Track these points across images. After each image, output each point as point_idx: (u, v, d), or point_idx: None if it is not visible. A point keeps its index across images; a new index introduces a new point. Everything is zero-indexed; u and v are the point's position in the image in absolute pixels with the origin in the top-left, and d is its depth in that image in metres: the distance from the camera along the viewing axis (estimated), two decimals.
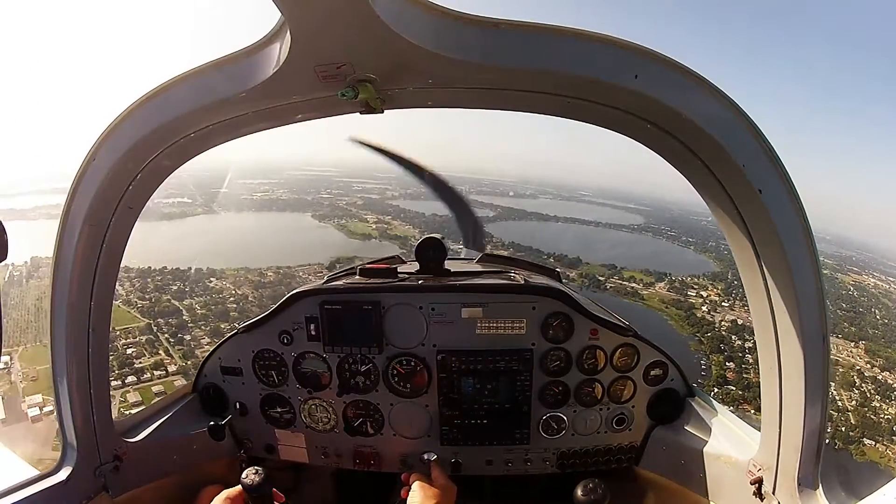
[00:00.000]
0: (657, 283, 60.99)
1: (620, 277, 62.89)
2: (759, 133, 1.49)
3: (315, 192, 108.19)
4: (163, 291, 46.32)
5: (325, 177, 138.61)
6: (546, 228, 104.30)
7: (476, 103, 1.79)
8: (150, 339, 39.01)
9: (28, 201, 66.18)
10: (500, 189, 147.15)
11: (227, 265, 53.68)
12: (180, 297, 46.13)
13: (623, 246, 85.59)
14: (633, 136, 1.71)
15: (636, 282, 62.10)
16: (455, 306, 2.55)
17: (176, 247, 62.52)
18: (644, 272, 63.93)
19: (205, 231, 78.04)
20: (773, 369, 1.77)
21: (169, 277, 48.93)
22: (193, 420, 2.77)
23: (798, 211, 1.55)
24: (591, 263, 66.62)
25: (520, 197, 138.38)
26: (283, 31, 1.35)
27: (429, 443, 2.71)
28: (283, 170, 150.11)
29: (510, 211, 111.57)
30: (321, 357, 2.66)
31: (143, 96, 1.67)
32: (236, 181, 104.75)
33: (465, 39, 1.37)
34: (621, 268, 65.34)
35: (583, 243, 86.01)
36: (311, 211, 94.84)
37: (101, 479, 2.26)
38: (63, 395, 2.08)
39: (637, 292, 59.63)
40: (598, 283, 60.61)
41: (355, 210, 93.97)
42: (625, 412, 2.69)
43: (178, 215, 79.81)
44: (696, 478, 2.40)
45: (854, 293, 60.58)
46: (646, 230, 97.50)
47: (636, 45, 1.41)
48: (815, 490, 1.80)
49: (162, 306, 43.60)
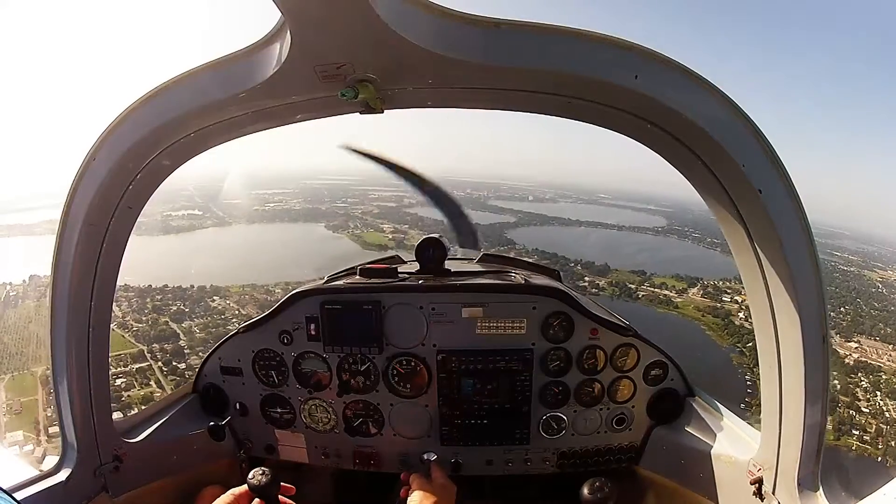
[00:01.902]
0: (690, 288, 57.21)
1: (652, 284, 59.56)
2: (759, 133, 1.49)
3: (330, 202, 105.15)
4: (161, 312, 42.82)
5: (341, 185, 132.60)
6: (569, 233, 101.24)
7: (476, 103, 1.79)
8: (142, 367, 35.01)
9: (36, 216, 62.55)
10: (520, 194, 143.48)
11: (232, 282, 51.21)
12: (179, 318, 42.56)
13: (649, 250, 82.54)
14: (633, 136, 1.71)
15: (668, 288, 58.31)
16: (455, 306, 2.54)
17: (180, 262, 59.70)
18: (675, 277, 60.24)
19: (212, 245, 75.23)
20: (773, 369, 1.77)
21: (169, 297, 45.59)
22: (193, 420, 2.77)
23: (798, 211, 1.55)
24: (619, 270, 63.66)
25: (539, 201, 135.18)
26: (283, 31, 1.35)
27: (429, 443, 2.71)
28: (299, 179, 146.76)
29: (531, 216, 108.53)
30: (321, 357, 2.66)
31: (143, 96, 1.67)
32: (249, 191, 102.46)
33: (466, 39, 1.37)
34: (651, 274, 62.04)
35: (608, 248, 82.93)
36: (324, 221, 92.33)
37: (101, 479, 2.26)
38: (63, 395, 2.08)
39: (670, 300, 56.01)
40: (630, 292, 57.39)
41: (371, 219, 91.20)
42: (625, 412, 2.69)
43: (187, 228, 77.25)
44: (696, 478, 2.40)
45: (883, 290, 56.92)
46: (669, 232, 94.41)
47: (636, 45, 1.41)
48: (815, 490, 1.80)
49: (158, 329, 39.84)
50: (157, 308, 43.45)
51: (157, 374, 35.09)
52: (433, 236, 2.87)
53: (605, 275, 61.30)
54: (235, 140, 1.93)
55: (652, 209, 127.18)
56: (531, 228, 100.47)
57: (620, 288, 57.87)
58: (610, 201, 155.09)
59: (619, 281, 59.90)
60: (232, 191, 78.50)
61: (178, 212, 76.62)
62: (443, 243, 2.85)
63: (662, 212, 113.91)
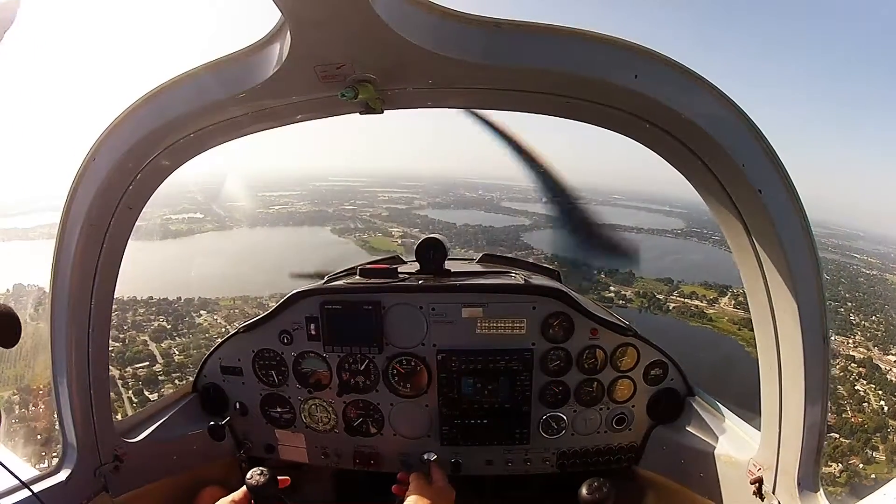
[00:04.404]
0: (720, 298, 52.04)
1: (681, 294, 54.66)
2: (759, 133, 1.50)
3: (338, 204, 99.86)
4: (141, 329, 37.68)
5: (350, 187, 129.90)
6: None
7: (476, 103, 1.79)
8: (113, 396, 31.29)
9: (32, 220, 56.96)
10: (532, 195, 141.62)
11: (223, 293, 46.53)
12: (159, 337, 37.31)
13: (672, 254, 76.54)
14: (633, 136, 1.71)
15: (698, 298, 53.42)
16: (455, 306, 2.54)
17: (171, 270, 55.17)
18: (703, 286, 55.12)
19: (208, 251, 71.28)
20: (773, 369, 1.77)
21: (153, 310, 40.08)
22: (193, 420, 2.77)
23: (798, 211, 1.55)
24: (645, 278, 58.21)
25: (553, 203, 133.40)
26: (283, 31, 1.35)
27: (429, 443, 2.71)
28: (307, 181, 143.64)
29: (546, 218, 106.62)
30: (321, 357, 2.66)
31: (143, 96, 1.67)
32: (253, 193, 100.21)
33: (466, 39, 1.37)
34: (678, 281, 56.81)
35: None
36: (330, 225, 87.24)
37: (101, 479, 2.26)
38: (63, 395, 2.08)
39: (703, 312, 51.26)
40: (659, 304, 52.70)
41: (380, 222, 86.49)
42: (625, 412, 2.69)
43: (185, 232, 73.17)
44: (696, 477, 2.39)
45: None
46: (689, 235, 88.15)
47: (636, 45, 1.41)
48: (815, 490, 1.80)
49: (135, 351, 34.54)
50: (138, 324, 38.33)
51: (125, 405, 29.92)
52: (433, 236, 2.87)
53: (630, 284, 56.39)
54: (242, 142, 1.94)
55: (667, 210, 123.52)
56: (547, 232, 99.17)
57: (649, 299, 53.29)
58: (624, 202, 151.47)
59: (647, 291, 55.19)
60: (235, 193, 76.51)
61: (177, 215, 73.56)
62: (443, 244, 2.85)
63: (678, 213, 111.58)
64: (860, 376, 36.08)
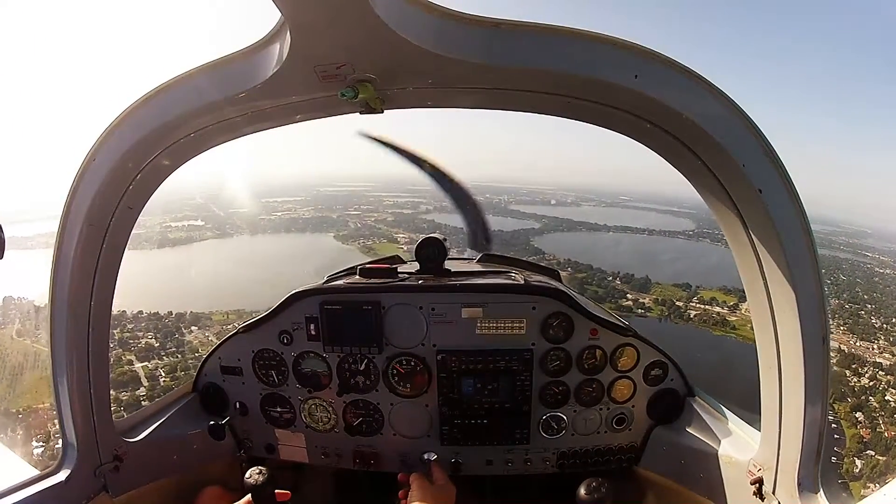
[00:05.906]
0: (741, 303, 49.04)
1: (701, 300, 52.83)
2: (759, 133, 1.50)
3: (342, 209, 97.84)
4: (128, 347, 35.55)
5: (356, 192, 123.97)
6: (598, 240, 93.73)
7: (476, 103, 1.79)
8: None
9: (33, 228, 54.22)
10: (541, 198, 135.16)
11: (216, 307, 44.36)
12: (146, 356, 35.16)
13: (685, 257, 75.38)
14: (633, 136, 1.71)
15: (718, 304, 51.53)
16: (455, 306, 2.54)
17: (166, 281, 52.83)
18: (723, 291, 52.83)
19: (205, 260, 68.38)
20: (773, 369, 1.77)
21: (142, 326, 38.44)
22: (193, 420, 2.77)
23: (798, 210, 1.55)
24: (662, 284, 56.91)
25: (562, 205, 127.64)
26: (283, 31, 1.35)
27: (429, 443, 2.71)
28: (312, 186, 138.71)
29: (557, 221, 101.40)
30: (321, 357, 2.67)
31: (143, 96, 1.67)
32: (256, 199, 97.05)
33: (465, 39, 1.37)
34: (696, 286, 55.16)
35: (642, 256, 76.80)
36: (334, 231, 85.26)
37: (101, 479, 2.26)
38: (63, 394, 2.08)
39: (725, 319, 48.99)
40: (679, 312, 50.70)
41: (385, 228, 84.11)
42: (625, 412, 2.69)
43: (184, 241, 70.97)
44: (696, 478, 2.39)
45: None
46: (701, 236, 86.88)
47: (636, 45, 1.41)
48: (815, 490, 1.80)
49: (119, 372, 32.27)
50: (125, 341, 36.28)
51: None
52: (433, 236, 2.88)
53: (647, 291, 54.73)
54: (246, 147, 1.94)
55: (676, 211, 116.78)
56: (557, 235, 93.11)
57: (668, 307, 51.55)
58: (633, 203, 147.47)
59: (665, 297, 53.33)
60: (238, 199, 73.34)
61: (177, 222, 71.96)
62: (443, 244, 2.85)
63: (687, 213, 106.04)
64: (889, 385, 34.40)
